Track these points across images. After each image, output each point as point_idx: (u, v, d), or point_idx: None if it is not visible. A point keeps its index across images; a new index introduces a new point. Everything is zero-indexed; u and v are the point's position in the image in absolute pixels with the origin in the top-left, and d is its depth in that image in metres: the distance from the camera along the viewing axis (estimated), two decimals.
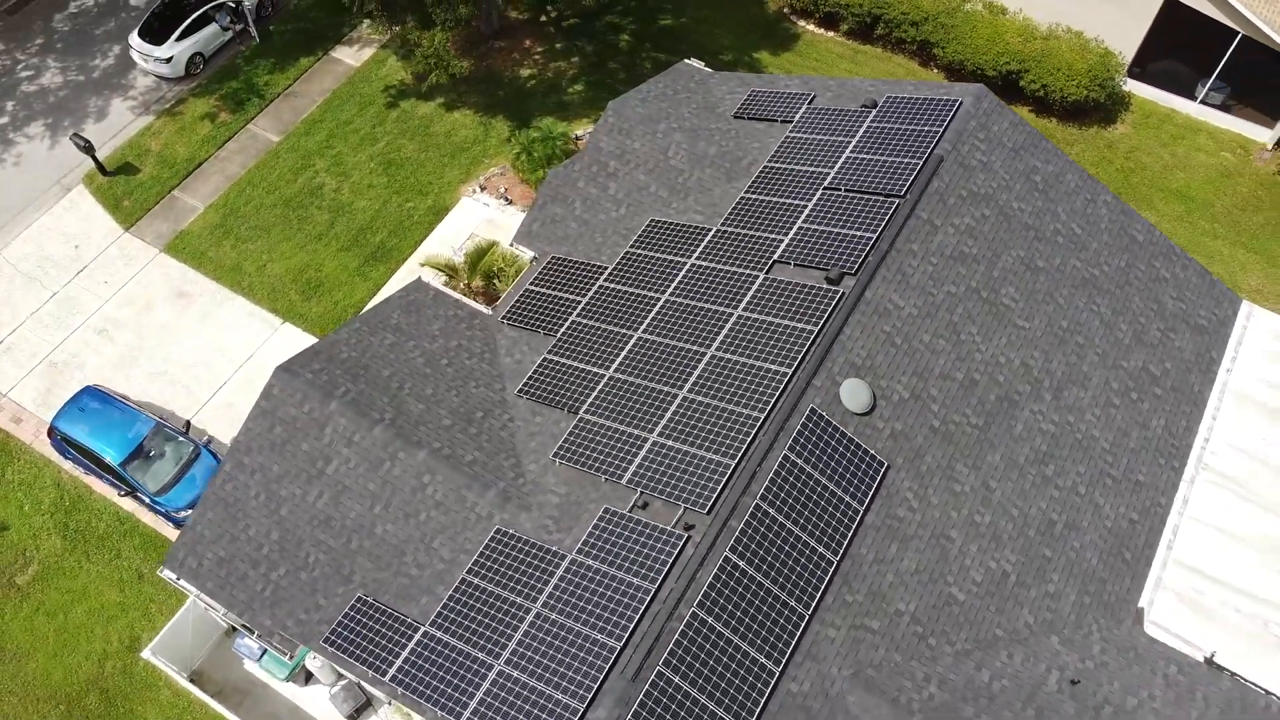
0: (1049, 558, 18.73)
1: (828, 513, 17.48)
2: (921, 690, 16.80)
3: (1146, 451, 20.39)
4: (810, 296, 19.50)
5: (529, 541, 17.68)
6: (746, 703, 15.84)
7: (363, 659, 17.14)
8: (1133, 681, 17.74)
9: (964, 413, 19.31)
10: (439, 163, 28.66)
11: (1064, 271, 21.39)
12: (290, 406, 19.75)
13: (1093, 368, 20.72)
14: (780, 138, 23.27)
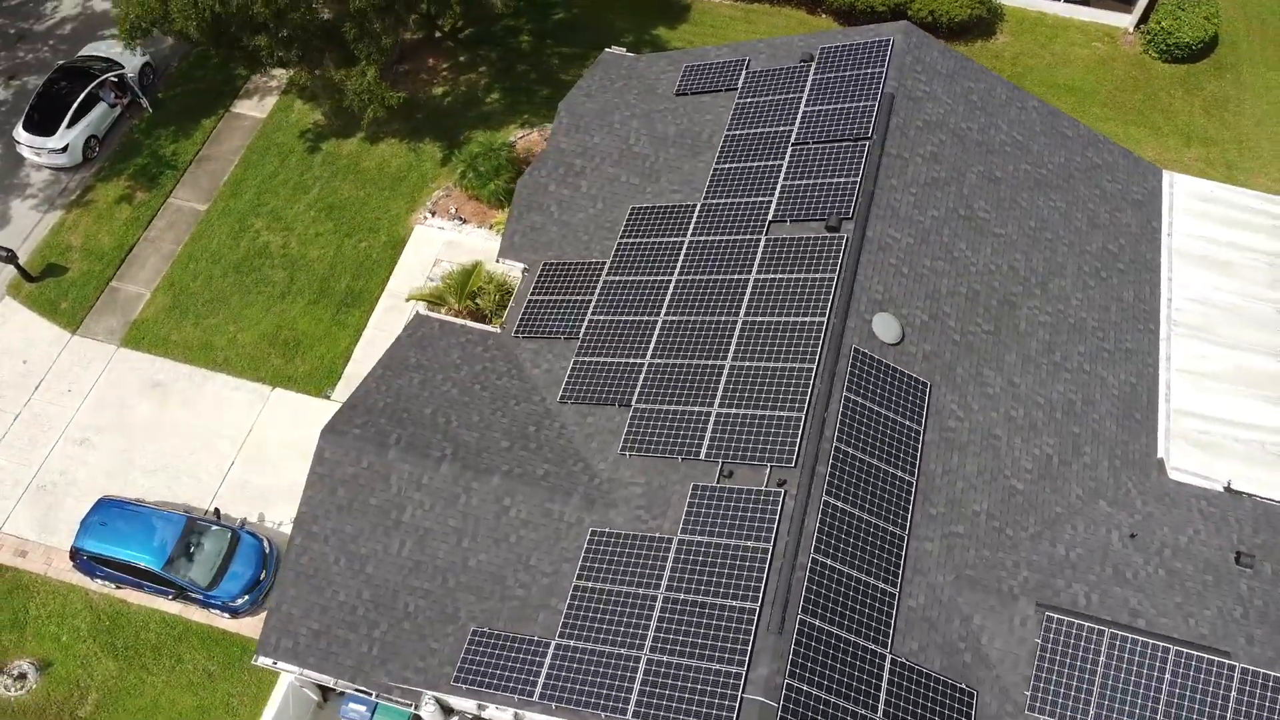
0: (1078, 433, 20.60)
1: (894, 439, 18.76)
2: (1015, 575, 18.36)
3: (1126, 321, 22.53)
4: (817, 247, 20.62)
5: (628, 535, 18.25)
6: (880, 628, 17.02)
7: (501, 686, 17.41)
8: (1177, 521, 19.83)
9: (976, 322, 20.92)
10: (381, 197, 28.31)
11: (1018, 177, 23.24)
12: (347, 465, 19.58)
13: (1065, 257, 22.69)
14: (731, 106, 24.21)
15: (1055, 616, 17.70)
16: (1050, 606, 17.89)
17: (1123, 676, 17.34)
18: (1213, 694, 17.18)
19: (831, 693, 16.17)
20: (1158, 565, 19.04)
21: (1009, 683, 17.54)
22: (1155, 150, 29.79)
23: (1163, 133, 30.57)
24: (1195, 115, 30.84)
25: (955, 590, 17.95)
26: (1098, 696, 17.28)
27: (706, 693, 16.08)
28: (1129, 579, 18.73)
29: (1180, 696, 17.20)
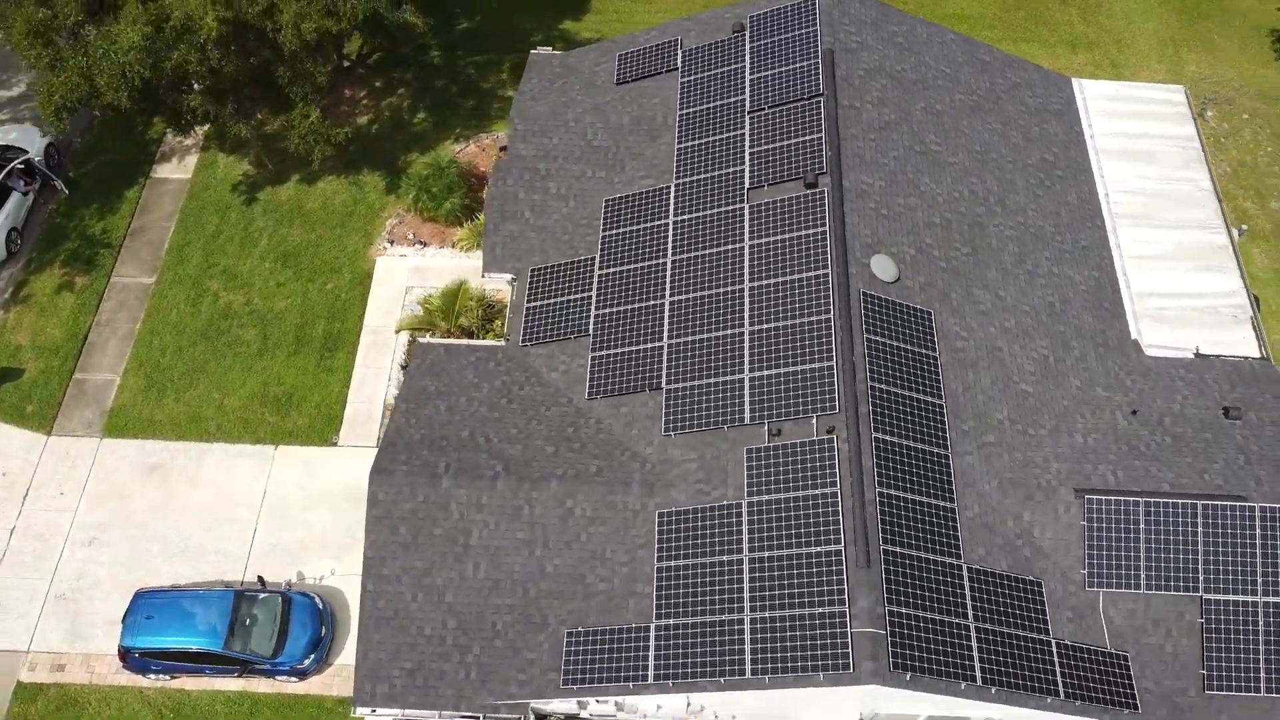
0: (1063, 331, 22.30)
1: (916, 368, 20.01)
2: (1048, 470, 19.89)
3: (1076, 222, 24.35)
4: (802, 204, 21.63)
5: (696, 509, 18.99)
6: (950, 542, 18.28)
7: (612, 678, 17.95)
8: (1165, 392, 21.76)
9: (955, 248, 22.34)
10: (334, 236, 27.96)
11: (956, 107, 24.75)
12: (403, 502, 19.64)
13: (1012, 174, 24.35)
14: (677, 86, 24.92)
15: (1092, 498, 19.31)
16: (1085, 490, 19.50)
17: (1161, 537, 19.10)
18: (1239, 535, 19.10)
19: (926, 610, 17.35)
20: (1162, 434, 20.91)
21: (1066, 566, 19.08)
22: (1049, 61, 31.91)
23: (1050, 44, 32.78)
24: (1075, 23, 33.16)
25: (1001, 494, 19.36)
26: (1144, 560, 19.00)
27: (816, 636, 17.02)
28: (1142, 451, 20.54)
29: (1212, 543, 19.06)
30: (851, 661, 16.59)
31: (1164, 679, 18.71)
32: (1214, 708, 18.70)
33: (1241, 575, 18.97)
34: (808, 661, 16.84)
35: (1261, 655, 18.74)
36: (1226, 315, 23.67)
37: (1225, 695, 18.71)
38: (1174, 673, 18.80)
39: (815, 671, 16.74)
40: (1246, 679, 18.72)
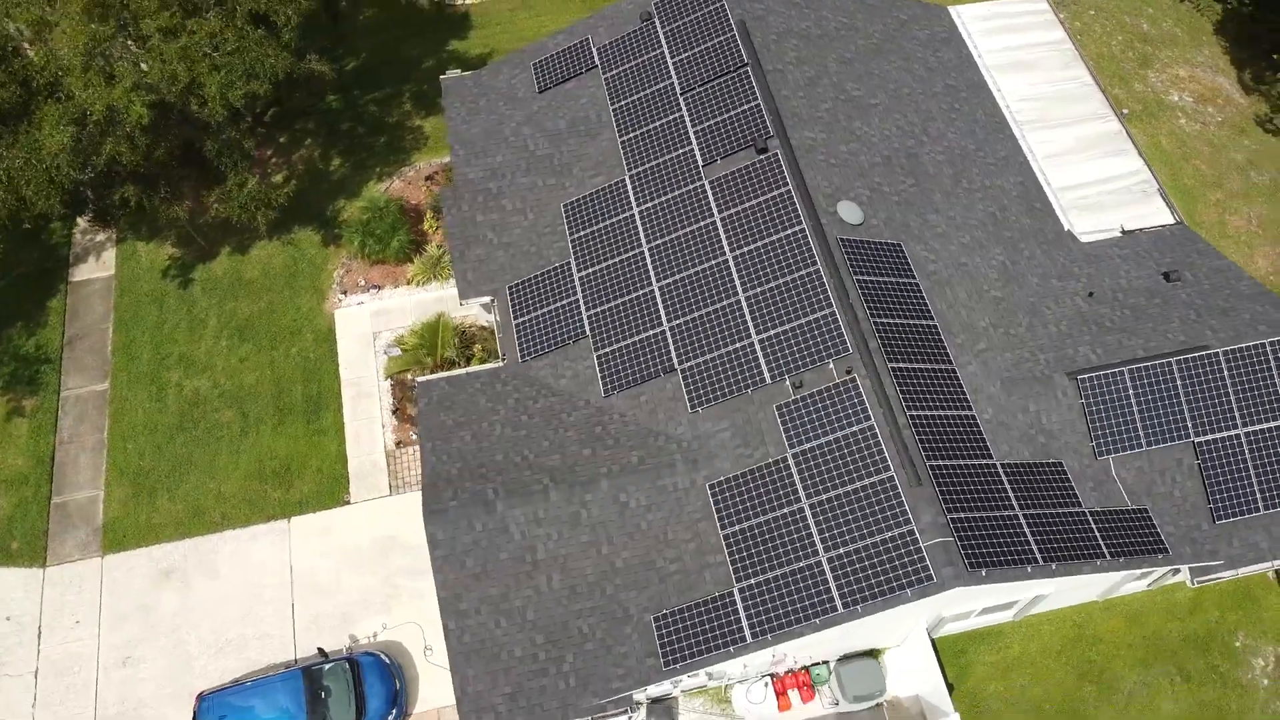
0: (1010, 236, 24.17)
1: (903, 296, 21.43)
2: (1039, 361, 21.66)
3: (989, 135, 26.29)
4: (759, 170, 22.70)
5: (743, 473, 19.91)
6: (979, 446, 19.80)
7: (711, 648, 18.76)
8: (1110, 271, 23.92)
9: (901, 180, 23.87)
10: (284, 299, 27.43)
11: (861, 52, 26.27)
12: (463, 536, 19.84)
13: (925, 104, 26.05)
14: (602, 83, 25.55)
15: (1083, 378, 21.20)
16: (1075, 372, 21.38)
17: (1147, 398, 21.16)
18: (1211, 380, 21.35)
19: (979, 510, 18.81)
20: (1119, 308, 23.06)
21: (1075, 443, 20.92)
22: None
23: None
24: None
25: (1006, 394, 21.02)
26: (1138, 421, 21.02)
27: (894, 559, 18.24)
28: (1109, 326, 22.60)
29: (1191, 392, 21.25)
30: (932, 572, 17.90)
31: (1180, 520, 20.82)
32: (1225, 535, 20.95)
33: (1221, 414, 21.25)
34: (892, 583, 18.06)
35: (1253, 478, 21.09)
36: (1137, 192, 26.08)
37: (1232, 521, 20.98)
38: (1185, 513, 20.94)
39: (902, 590, 17.97)
40: (1246, 503, 21.04)
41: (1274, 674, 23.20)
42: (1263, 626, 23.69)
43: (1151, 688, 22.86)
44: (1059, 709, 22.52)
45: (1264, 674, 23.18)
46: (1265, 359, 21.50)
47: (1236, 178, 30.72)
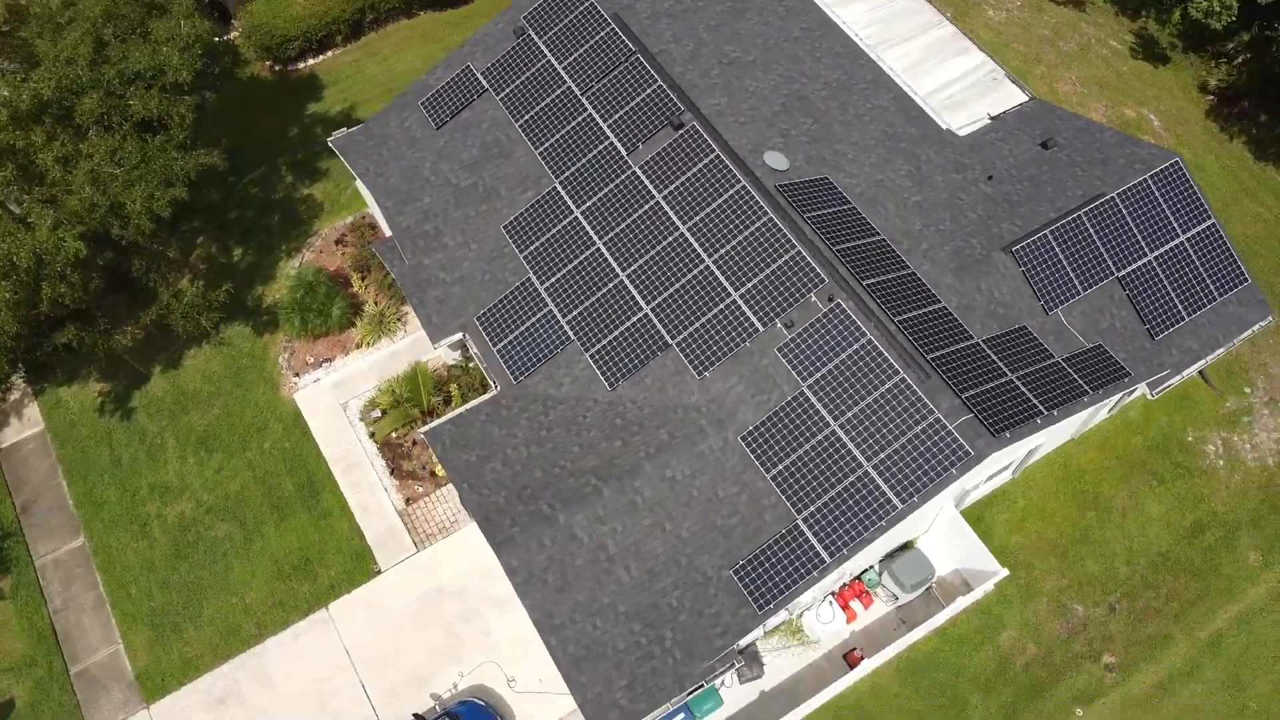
0: (905, 147, 26.39)
1: (848, 222, 23.29)
2: (975, 245, 23.99)
3: (852, 63, 28.43)
4: (683, 144, 23.99)
5: (769, 417, 21.29)
6: (959, 330, 21.91)
7: (796, 579, 20.12)
8: (996, 155, 26.60)
9: (802, 121, 25.71)
10: (238, 399, 26.71)
11: (722, 17, 27.90)
12: (537, 555, 20.37)
13: (791, 47, 27.93)
14: (498, 103, 26.14)
15: (1016, 249, 23.70)
16: (1008, 246, 23.86)
17: (1071, 249, 23.89)
18: (1115, 220, 24.29)
19: (983, 384, 20.93)
20: (1020, 180, 25.76)
21: (1027, 306, 23.40)
22: None
23: None
24: None
25: (959, 280, 23.27)
26: (1069, 272, 23.73)
27: (932, 446, 20.09)
28: (1016, 200, 25.25)
29: (1102, 236, 24.13)
30: (968, 447, 19.87)
31: (1127, 346, 23.71)
32: (1165, 346, 24.00)
33: (1131, 247, 24.26)
34: (937, 468, 19.92)
35: (1171, 293, 24.23)
36: (989, 81, 28.95)
37: (1167, 334, 24.06)
38: (1129, 339, 23.85)
39: (947, 470, 19.87)
40: (1172, 315, 24.16)
41: (1225, 454, 26.71)
42: (1203, 419, 27.18)
43: (1137, 496, 25.90)
44: (1073, 540, 25.20)
45: (1218, 456, 26.66)
46: (1150, 191, 24.66)
47: (1050, 50, 34.42)
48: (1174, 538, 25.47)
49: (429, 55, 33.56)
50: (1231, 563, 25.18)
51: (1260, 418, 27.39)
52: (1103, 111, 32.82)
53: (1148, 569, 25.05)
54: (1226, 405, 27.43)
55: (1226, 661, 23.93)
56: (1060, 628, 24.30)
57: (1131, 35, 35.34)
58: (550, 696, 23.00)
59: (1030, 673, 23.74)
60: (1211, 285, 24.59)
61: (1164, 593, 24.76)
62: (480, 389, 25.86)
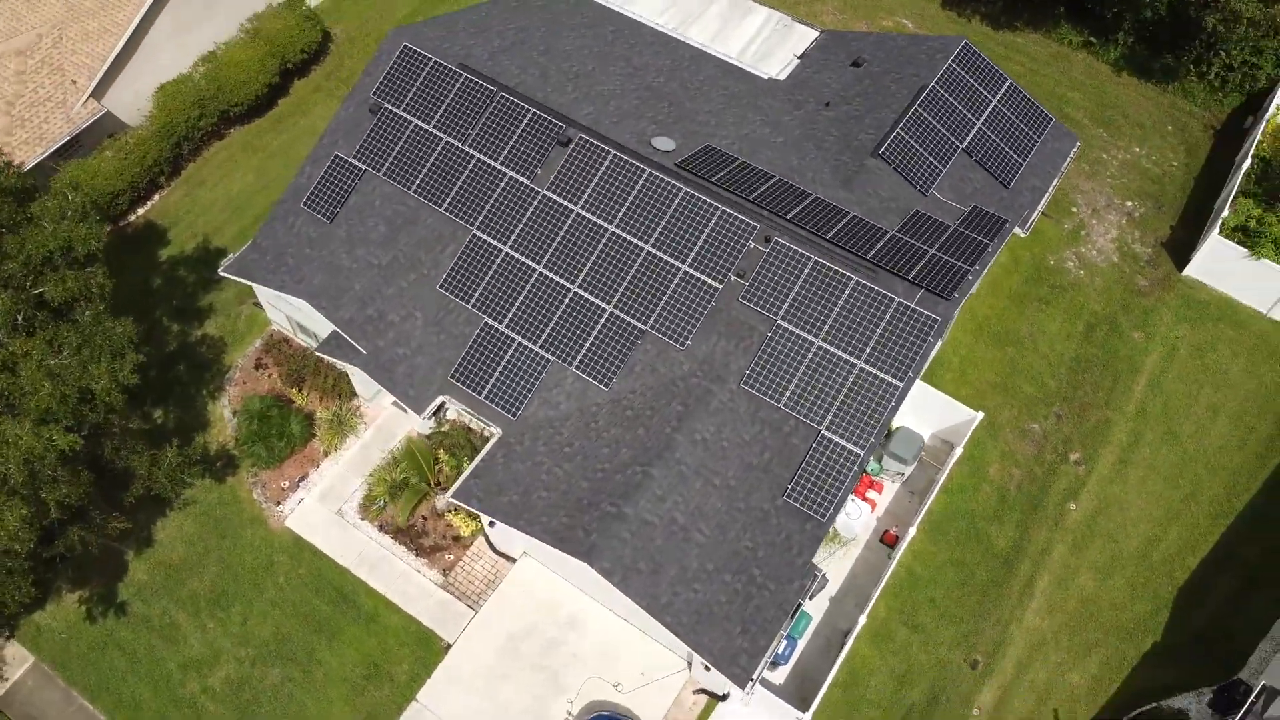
0: (745, 102, 29.35)
1: (746, 175, 25.89)
2: (844, 159, 27.26)
3: (667, 47, 30.92)
4: (580, 156, 25.72)
5: (758, 359, 23.48)
6: (876, 230, 25.00)
7: (842, 480, 22.49)
8: (820, 84, 30.07)
9: (659, 106, 28.05)
10: (230, 549, 25.85)
11: (545, 40, 29.77)
12: (623, 550, 21.56)
13: (612, 48, 30.18)
14: (379, 178, 26.76)
15: (881, 150, 27.03)
16: (874, 151, 27.19)
17: (922, 137, 27.60)
18: (939, 101, 28.26)
19: (917, 263, 24.06)
20: (852, 98, 29.26)
21: (908, 192, 26.81)
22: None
23: None
24: None
25: (850, 191, 26.32)
26: (928, 155, 27.43)
27: (904, 327, 23.00)
28: (859, 114, 28.69)
29: (940, 116, 28.01)
30: (933, 316, 22.95)
31: (991, 199, 27.66)
32: (1017, 190, 28.11)
33: (962, 121, 28.27)
34: (916, 342, 22.86)
35: (1005, 147, 28.46)
36: (782, 28, 32.52)
37: (1014, 181, 28.21)
38: (990, 194, 27.74)
39: (925, 341, 22.86)
40: (1012, 165, 28.37)
41: (1081, 264, 31.55)
42: (1054, 244, 31.94)
43: (1036, 322, 30.21)
44: (1006, 375, 29.10)
45: (1077, 269, 31.46)
46: (957, 73, 28.84)
47: None
48: (1076, 343, 29.95)
49: (258, 166, 33.35)
50: (1124, 345, 29.94)
51: (1092, 228, 32.54)
52: (866, 28, 37.39)
53: (1068, 375, 29.36)
54: (1065, 227, 32.38)
55: (1155, 422, 28.55)
56: (1029, 447, 28.11)
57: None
58: (658, 683, 24.19)
59: (1024, 492, 27.36)
60: (1030, 132, 29.12)
61: (1088, 388, 29.14)
62: (467, 445, 26.50)
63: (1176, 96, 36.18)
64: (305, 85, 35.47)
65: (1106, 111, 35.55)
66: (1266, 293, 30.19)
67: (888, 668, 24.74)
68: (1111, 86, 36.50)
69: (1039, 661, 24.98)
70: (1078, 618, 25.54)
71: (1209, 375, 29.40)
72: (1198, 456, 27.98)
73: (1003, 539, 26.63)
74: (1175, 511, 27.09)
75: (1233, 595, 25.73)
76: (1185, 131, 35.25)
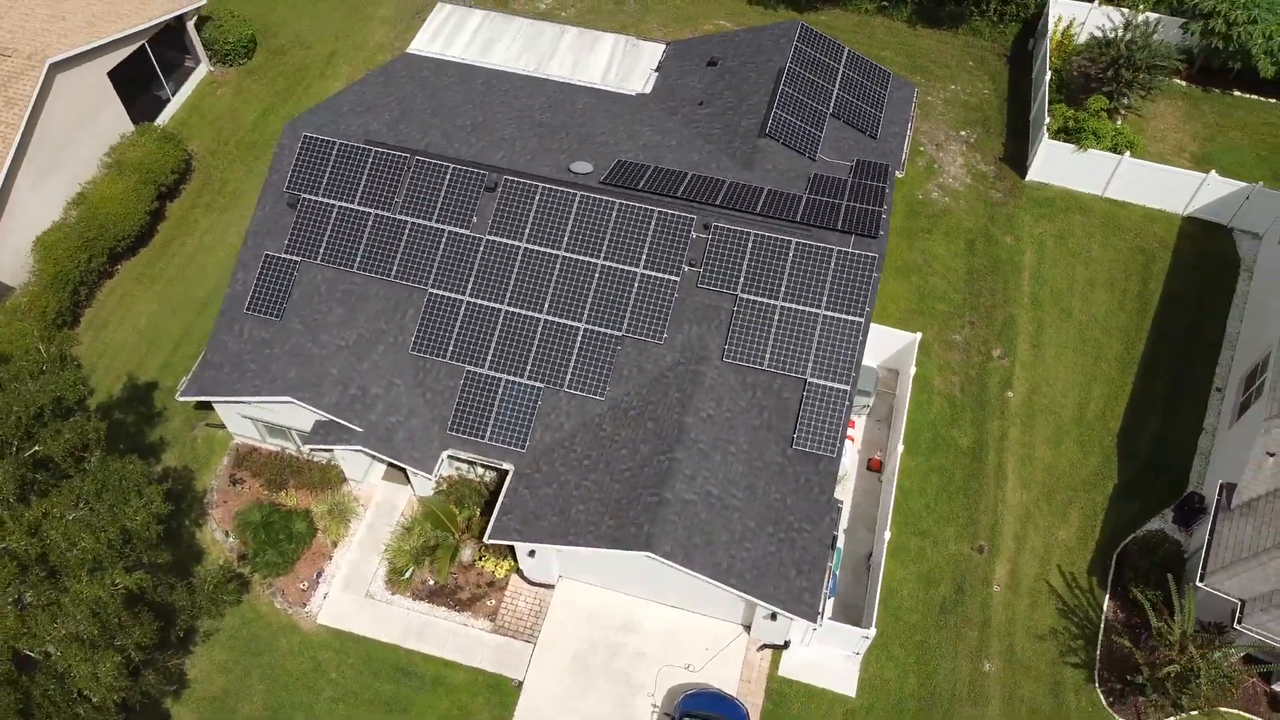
0: (629, 116, 31.58)
1: (666, 177, 28.03)
2: (737, 144, 29.89)
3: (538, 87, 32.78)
4: (511, 196, 27.13)
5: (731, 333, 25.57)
6: (794, 199, 27.68)
7: (837, 421, 24.85)
8: (687, 87, 32.68)
9: (560, 137, 29.80)
10: (269, 661, 25.34)
11: (431, 102, 30.95)
12: (677, 531, 23.01)
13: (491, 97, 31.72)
14: (321, 264, 27.20)
15: (768, 129, 29.80)
16: (761, 132, 29.94)
17: (797, 108, 30.63)
18: (806, 79, 31.45)
19: (837, 217, 26.85)
20: (720, 93, 31.93)
21: (800, 161, 29.70)
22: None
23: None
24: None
25: (753, 170, 28.89)
26: (806, 122, 30.48)
27: (849, 271, 25.67)
28: (733, 102, 31.40)
29: (805, 87, 31.20)
30: (871, 254, 25.77)
31: (866, 151, 31.00)
32: (884, 138, 31.53)
33: (821, 91, 31.54)
34: (863, 281, 25.60)
35: (861, 104, 31.92)
36: (631, 49, 34.90)
37: (879, 131, 31.70)
38: (863, 147, 31.03)
39: (870, 277, 25.62)
40: (872, 118, 31.85)
41: (944, 192, 35.55)
42: (917, 180, 35.81)
43: (925, 250, 33.83)
44: (919, 299, 32.47)
45: (941, 197, 35.44)
46: (804, 50, 32.14)
47: (623, 12, 41.42)
48: (963, 259, 33.76)
49: (159, 294, 32.71)
50: (1002, 250, 34.00)
51: (941, 161, 36.69)
52: (692, 35, 40.52)
53: (967, 287, 33.07)
54: (920, 164, 36.36)
55: (1049, 306, 32.60)
56: (958, 355, 31.52)
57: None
58: (725, 654, 25.67)
59: (967, 394, 30.68)
60: (876, 87, 32.78)
61: (987, 293, 32.93)
62: (473, 493, 27.21)
63: (968, 36, 41.24)
64: (180, 206, 35.00)
65: (917, 61, 40.07)
66: (1098, 177, 35.05)
67: (912, 574, 27.23)
68: (913, 40, 41.15)
69: (1030, 530, 28.15)
70: (1047, 485, 28.95)
71: (1076, 257, 33.85)
72: (1091, 324, 32.21)
73: (965, 438, 29.79)
74: (1091, 374, 31.11)
75: (1160, 427, 29.87)
76: (985, 64, 40.25)
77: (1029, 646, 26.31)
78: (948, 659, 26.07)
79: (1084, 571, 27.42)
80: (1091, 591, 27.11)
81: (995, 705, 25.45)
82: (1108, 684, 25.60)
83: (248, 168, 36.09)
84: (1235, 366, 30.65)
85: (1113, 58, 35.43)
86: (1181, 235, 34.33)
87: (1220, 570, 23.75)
